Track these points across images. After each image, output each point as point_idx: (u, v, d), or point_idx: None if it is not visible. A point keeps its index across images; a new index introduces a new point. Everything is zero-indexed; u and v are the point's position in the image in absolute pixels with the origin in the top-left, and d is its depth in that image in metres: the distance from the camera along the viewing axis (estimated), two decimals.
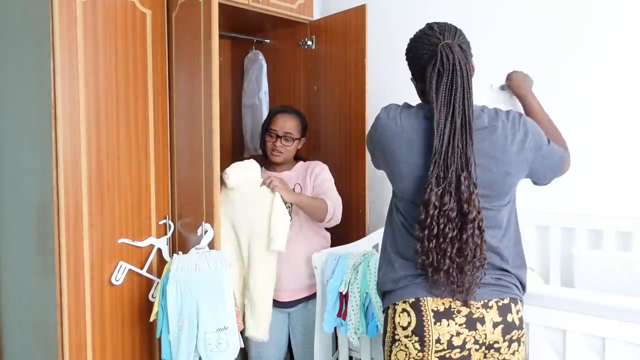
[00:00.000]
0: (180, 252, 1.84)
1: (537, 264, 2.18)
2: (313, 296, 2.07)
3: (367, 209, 2.36)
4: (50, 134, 1.71)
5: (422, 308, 1.27)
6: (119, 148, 1.85)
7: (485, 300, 1.27)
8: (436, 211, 1.23)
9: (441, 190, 1.23)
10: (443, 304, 1.27)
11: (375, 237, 2.23)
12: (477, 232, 1.23)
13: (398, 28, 2.56)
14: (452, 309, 1.26)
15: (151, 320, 1.84)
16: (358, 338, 1.79)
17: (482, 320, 1.26)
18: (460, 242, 1.23)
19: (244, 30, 2.77)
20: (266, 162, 2.24)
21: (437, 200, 1.23)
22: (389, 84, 2.62)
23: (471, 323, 1.25)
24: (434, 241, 1.24)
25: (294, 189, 2.13)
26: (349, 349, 1.94)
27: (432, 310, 1.27)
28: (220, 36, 1.94)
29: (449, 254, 1.23)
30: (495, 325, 1.26)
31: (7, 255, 2.07)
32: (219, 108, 1.79)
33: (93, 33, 1.78)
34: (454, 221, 1.23)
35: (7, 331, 2.12)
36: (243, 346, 1.79)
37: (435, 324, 1.25)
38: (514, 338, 1.28)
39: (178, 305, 1.73)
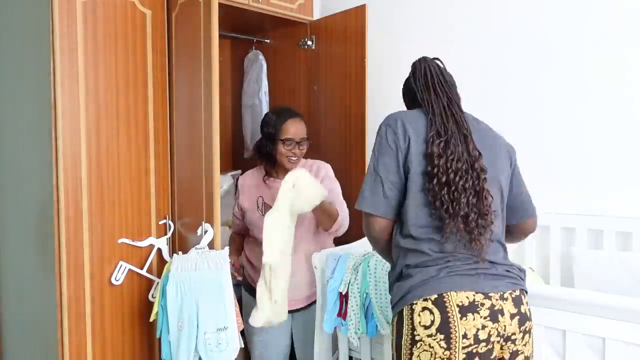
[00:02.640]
0: (180, 252, 1.84)
1: (537, 264, 2.18)
2: (315, 302, 2.06)
3: None
4: (50, 134, 1.71)
5: (446, 304, 1.23)
6: (119, 148, 1.86)
7: (502, 292, 1.27)
8: (442, 160, 1.25)
9: (443, 142, 1.27)
10: (467, 297, 1.23)
11: None
12: (485, 185, 1.27)
13: (398, 28, 2.56)
14: (476, 302, 1.23)
15: (151, 320, 1.84)
16: (358, 338, 1.79)
17: (502, 312, 1.25)
18: (474, 190, 1.26)
19: (244, 30, 2.77)
20: (268, 168, 2.13)
21: (440, 150, 1.26)
22: (389, 84, 2.62)
23: (494, 315, 1.24)
24: (445, 189, 1.24)
25: None
26: (349, 349, 1.94)
27: (457, 305, 1.22)
28: (220, 36, 1.94)
29: (464, 200, 1.24)
30: (512, 316, 1.26)
31: (7, 255, 2.07)
32: (219, 108, 1.79)
33: (93, 33, 1.78)
34: (462, 170, 1.26)
35: (7, 331, 2.12)
36: (243, 346, 1.79)
37: (461, 319, 1.21)
38: (527, 329, 1.29)
39: (178, 305, 1.73)
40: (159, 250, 1.97)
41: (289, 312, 2.05)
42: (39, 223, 1.83)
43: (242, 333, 1.84)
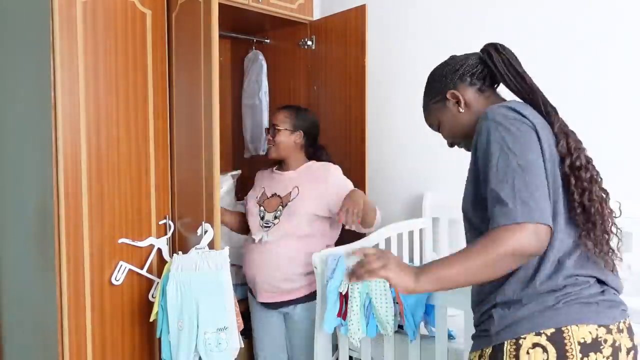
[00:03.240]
0: (180, 252, 1.84)
1: None
2: (301, 299, 2.05)
3: None
4: (51, 134, 1.71)
5: (565, 340, 1.00)
6: (119, 148, 1.85)
7: (618, 323, 1.06)
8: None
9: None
10: (590, 332, 1.01)
11: (375, 238, 2.23)
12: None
13: (398, 28, 2.56)
14: (599, 339, 1.02)
15: (151, 320, 1.84)
16: (358, 338, 1.79)
17: (620, 348, 1.05)
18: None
19: (244, 30, 2.77)
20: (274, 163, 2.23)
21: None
22: (388, 84, 2.62)
23: (615, 353, 1.04)
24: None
25: (290, 192, 2.05)
26: (349, 349, 1.94)
27: (579, 343, 1.01)
28: (220, 36, 1.94)
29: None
30: (628, 351, 1.07)
31: (7, 255, 2.07)
32: (219, 108, 1.79)
33: (93, 33, 1.78)
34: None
35: (7, 331, 2.12)
36: (243, 346, 1.79)
37: (582, 359, 1.00)
38: None
39: (178, 305, 1.73)
40: (159, 250, 1.97)
41: (273, 307, 2.05)
42: (39, 223, 1.83)
43: (242, 333, 1.84)
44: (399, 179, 2.68)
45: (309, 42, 2.57)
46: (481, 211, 1.09)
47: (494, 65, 1.21)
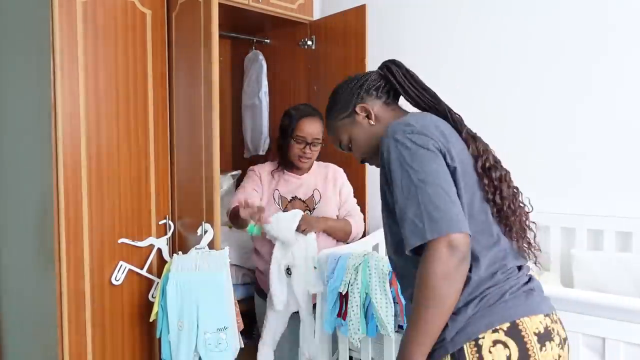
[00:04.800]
0: (180, 252, 1.84)
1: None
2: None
3: (367, 209, 2.36)
4: (51, 134, 1.71)
5: (522, 333, 1.00)
6: (119, 148, 1.86)
7: (553, 312, 1.10)
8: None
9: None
10: (540, 322, 1.03)
11: (374, 238, 2.23)
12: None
13: (398, 28, 2.56)
14: (549, 328, 1.04)
15: (151, 320, 1.84)
16: (358, 338, 1.78)
17: (561, 336, 1.09)
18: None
19: (244, 30, 2.77)
20: (285, 165, 2.13)
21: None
22: None
23: (562, 341, 1.07)
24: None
25: (312, 195, 2.09)
26: (349, 349, 1.94)
27: (535, 334, 1.01)
28: (220, 36, 1.94)
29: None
30: (564, 341, 1.09)
31: (7, 255, 2.07)
32: (219, 108, 1.79)
33: (93, 33, 1.78)
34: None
35: (7, 331, 2.12)
36: (243, 346, 1.79)
37: (541, 349, 1.00)
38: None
39: (178, 305, 1.73)
40: (159, 250, 1.97)
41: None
42: (39, 223, 1.83)
43: (242, 333, 1.84)
44: None
45: (309, 42, 2.57)
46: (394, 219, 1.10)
47: (395, 79, 1.22)
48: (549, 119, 2.14)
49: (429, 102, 1.20)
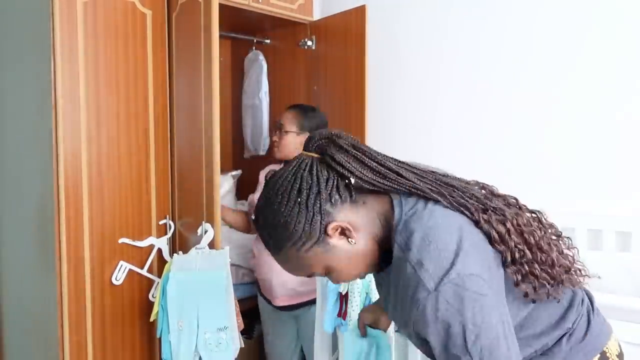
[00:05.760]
0: (180, 252, 1.84)
1: None
2: (314, 301, 2.06)
3: None
4: (51, 134, 1.71)
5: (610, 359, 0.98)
6: (119, 148, 1.86)
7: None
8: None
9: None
10: (616, 340, 1.02)
11: None
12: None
13: (398, 28, 2.56)
14: (620, 347, 1.04)
15: (151, 320, 1.84)
16: None
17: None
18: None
19: (244, 30, 2.77)
20: (279, 161, 2.15)
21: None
22: (389, 84, 2.62)
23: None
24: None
25: None
26: None
27: (617, 356, 1.00)
28: (220, 36, 1.94)
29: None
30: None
31: (7, 255, 2.07)
32: (219, 108, 1.79)
33: (93, 33, 1.78)
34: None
35: (7, 331, 2.12)
36: (243, 346, 1.79)
37: None
38: None
39: (178, 305, 1.73)
40: (159, 250, 1.97)
41: (288, 309, 2.05)
42: (39, 223, 1.83)
43: (243, 332, 1.84)
44: None
45: (309, 43, 2.57)
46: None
47: (343, 167, 0.90)
48: (549, 119, 2.14)
49: (412, 184, 0.94)
